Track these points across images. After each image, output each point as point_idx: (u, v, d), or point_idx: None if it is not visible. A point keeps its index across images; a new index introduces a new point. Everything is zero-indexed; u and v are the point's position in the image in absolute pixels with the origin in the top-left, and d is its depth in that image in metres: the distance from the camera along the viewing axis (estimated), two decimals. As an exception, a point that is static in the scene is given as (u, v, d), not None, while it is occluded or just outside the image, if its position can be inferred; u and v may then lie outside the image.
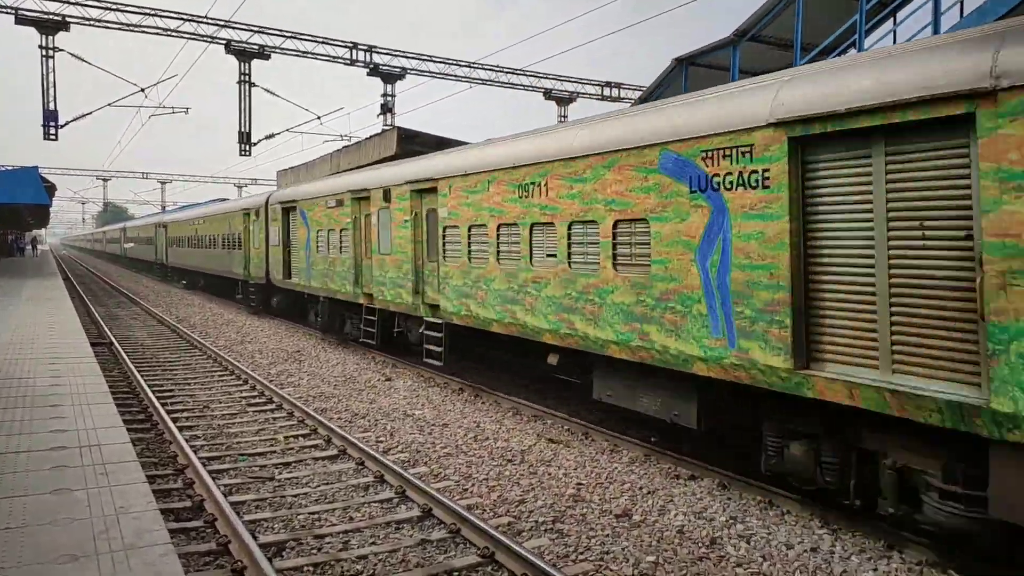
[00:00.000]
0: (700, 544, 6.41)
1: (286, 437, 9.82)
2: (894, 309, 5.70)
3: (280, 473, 8.36)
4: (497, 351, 13.85)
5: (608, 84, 42.20)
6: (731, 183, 6.97)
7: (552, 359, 10.47)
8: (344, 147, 23.97)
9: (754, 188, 6.72)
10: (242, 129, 33.16)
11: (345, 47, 34.81)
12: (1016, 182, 4.84)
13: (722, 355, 7.03)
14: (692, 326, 7.40)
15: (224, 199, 43.43)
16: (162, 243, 42.84)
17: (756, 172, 6.71)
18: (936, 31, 13.03)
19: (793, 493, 7.29)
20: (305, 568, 5.89)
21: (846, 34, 16.07)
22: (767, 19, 17.79)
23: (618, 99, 41.63)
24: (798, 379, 6.29)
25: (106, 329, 19.82)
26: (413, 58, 36.71)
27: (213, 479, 7.71)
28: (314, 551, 6.24)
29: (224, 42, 32.10)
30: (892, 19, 17.56)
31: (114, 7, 30.16)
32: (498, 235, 10.80)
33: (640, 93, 26.35)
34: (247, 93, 32.96)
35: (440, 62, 37.51)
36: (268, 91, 34.71)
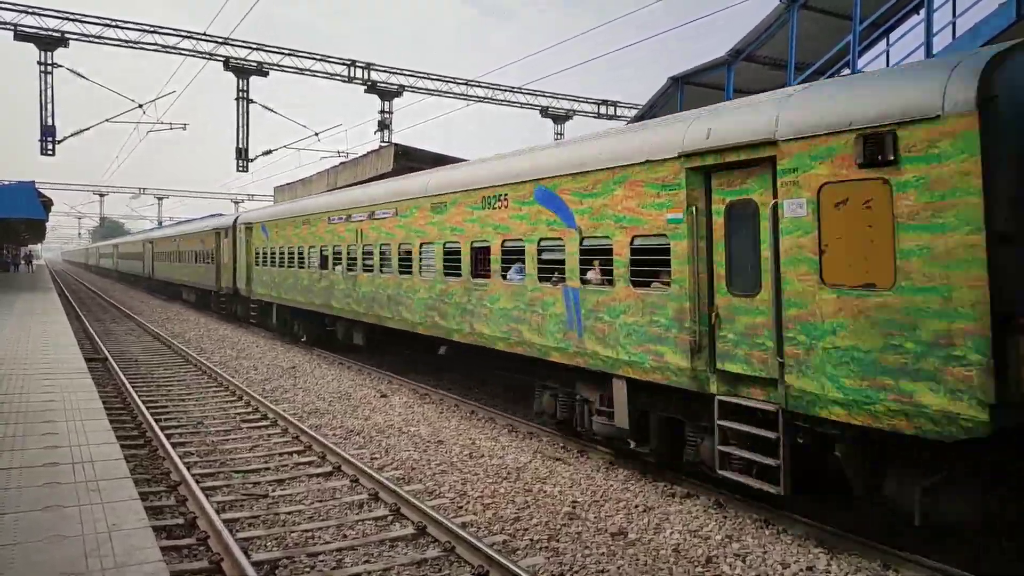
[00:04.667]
0: (696, 563, 6.38)
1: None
2: None
3: (274, 490, 8.31)
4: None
5: (604, 102, 42.43)
6: None
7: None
8: (342, 163, 24.08)
9: None
10: (239, 145, 33.24)
11: (343, 64, 35.00)
12: None
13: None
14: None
15: (222, 214, 43.60)
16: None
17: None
18: (928, 52, 13.16)
19: (784, 510, 7.27)
20: (298, 587, 5.83)
21: (839, 54, 16.22)
22: (761, 39, 17.98)
23: (614, 116, 41.82)
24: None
25: (101, 344, 19.76)
26: (410, 75, 36.92)
27: (206, 496, 7.66)
28: (307, 569, 6.20)
29: (223, 59, 32.26)
30: (885, 40, 17.75)
31: (113, 24, 30.33)
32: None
33: (636, 111, 26.52)
34: (245, 110, 33.08)
35: (437, 79, 37.72)
36: (266, 107, 34.85)
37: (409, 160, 18.42)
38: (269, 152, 36.60)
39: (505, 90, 39.75)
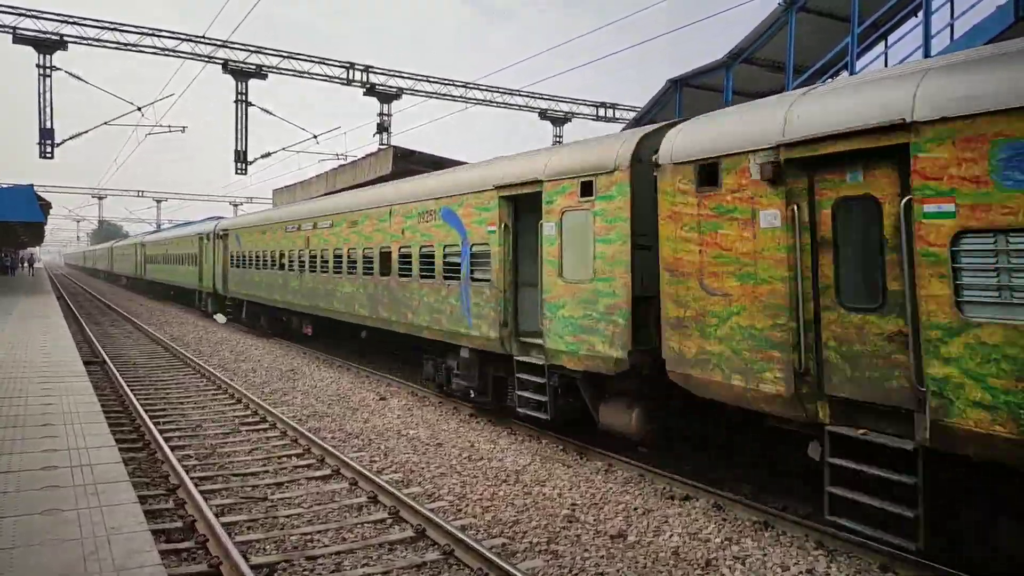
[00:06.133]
0: (696, 566, 6.37)
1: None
2: None
3: (273, 493, 8.30)
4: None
5: (603, 105, 42.39)
6: None
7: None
8: (340, 165, 24.07)
9: None
10: (238, 148, 33.24)
11: (342, 67, 35.00)
12: None
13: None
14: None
15: (220, 217, 44.00)
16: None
17: None
18: (927, 54, 13.18)
19: (788, 514, 7.26)
20: (297, 590, 5.82)
21: (838, 56, 16.24)
22: (760, 41, 17.99)
23: (613, 119, 41.81)
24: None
25: (99, 347, 19.73)
26: (409, 78, 36.91)
27: (205, 499, 7.64)
28: (306, 573, 6.19)
29: (221, 62, 32.26)
30: (883, 42, 17.77)
31: (112, 27, 30.32)
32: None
33: (636, 113, 26.51)
34: (244, 112, 33.08)
35: (436, 82, 37.73)
36: (265, 110, 34.84)
37: (409, 162, 18.42)
38: (268, 155, 36.60)
39: (504, 92, 39.76)
